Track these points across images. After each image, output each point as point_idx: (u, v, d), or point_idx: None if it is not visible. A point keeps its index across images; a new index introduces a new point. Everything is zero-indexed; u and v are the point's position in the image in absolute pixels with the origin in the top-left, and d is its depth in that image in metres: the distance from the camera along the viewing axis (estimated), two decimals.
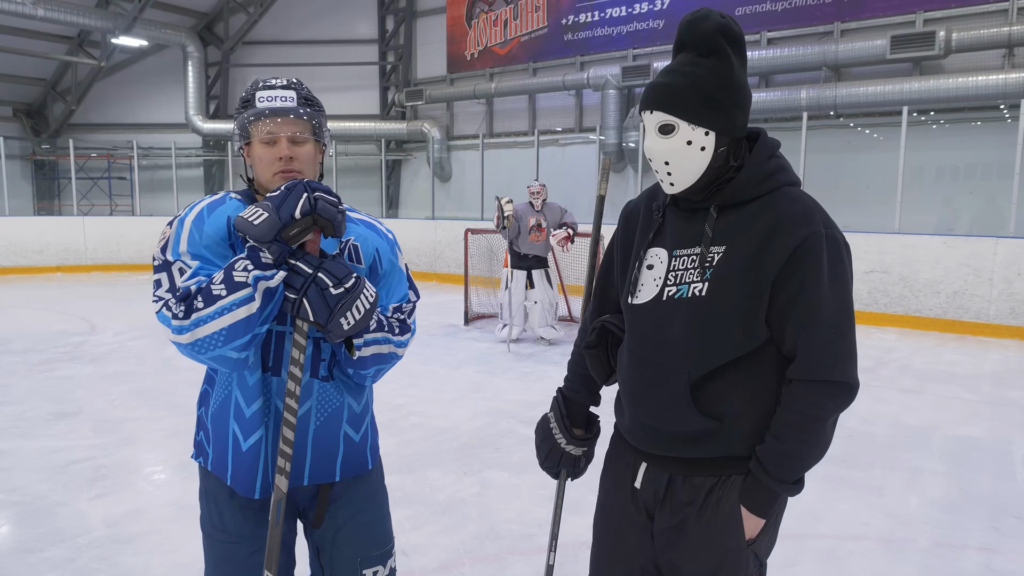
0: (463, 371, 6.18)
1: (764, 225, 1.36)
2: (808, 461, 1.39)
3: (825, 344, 1.35)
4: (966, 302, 8.02)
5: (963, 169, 9.75)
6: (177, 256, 1.49)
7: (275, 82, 1.57)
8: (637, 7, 12.00)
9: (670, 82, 1.38)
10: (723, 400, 1.41)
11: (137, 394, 5.36)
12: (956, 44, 9.06)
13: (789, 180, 1.43)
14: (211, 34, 15.92)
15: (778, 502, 1.44)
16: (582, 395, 1.68)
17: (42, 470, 3.86)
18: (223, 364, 1.46)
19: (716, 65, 1.36)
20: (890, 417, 4.90)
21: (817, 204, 1.40)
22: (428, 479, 3.76)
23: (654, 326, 1.45)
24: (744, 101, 1.39)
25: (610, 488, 1.62)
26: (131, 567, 2.87)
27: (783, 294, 1.35)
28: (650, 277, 1.47)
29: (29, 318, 8.63)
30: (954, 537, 3.20)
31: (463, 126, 14.81)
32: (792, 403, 1.37)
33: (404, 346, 1.64)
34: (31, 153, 16.45)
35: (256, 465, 1.54)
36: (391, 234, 1.73)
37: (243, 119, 1.56)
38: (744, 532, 1.43)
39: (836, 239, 1.37)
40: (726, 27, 1.37)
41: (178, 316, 1.40)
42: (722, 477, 1.44)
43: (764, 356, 1.41)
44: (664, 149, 1.39)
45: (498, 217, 6.78)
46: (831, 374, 1.35)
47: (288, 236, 1.41)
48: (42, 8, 12.53)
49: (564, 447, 1.66)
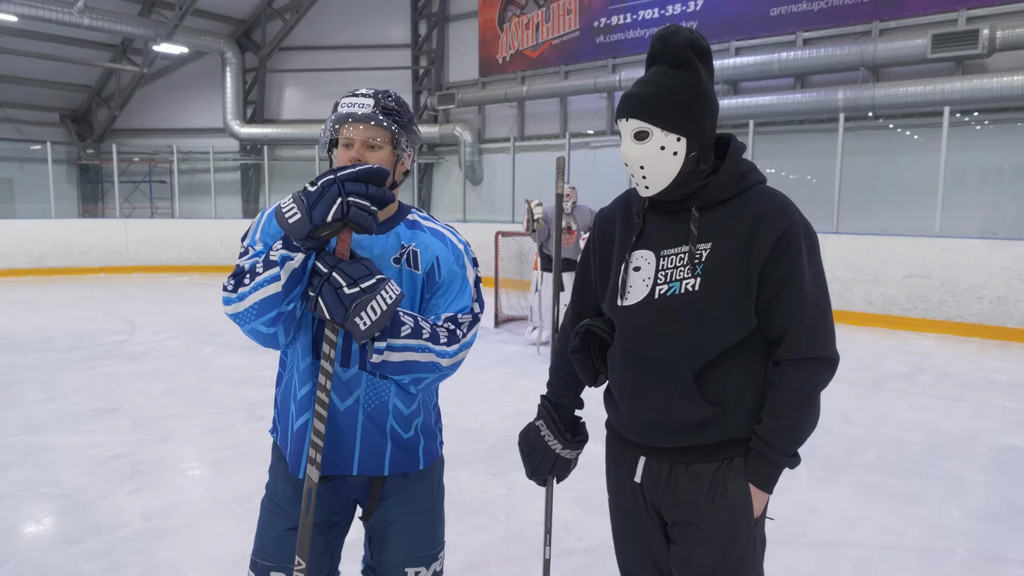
0: (492, 373, 6.19)
1: (747, 219, 1.47)
2: (804, 433, 1.50)
3: (811, 325, 1.47)
4: (1011, 308, 7.77)
5: (1008, 171, 9.46)
6: (252, 243, 1.64)
7: (361, 90, 1.64)
8: (670, 8, 11.92)
9: (644, 92, 1.48)
10: (721, 387, 1.50)
11: (174, 392, 5.48)
12: (1000, 42, 8.81)
13: (760, 179, 1.55)
14: (249, 40, 16.25)
15: (779, 476, 1.52)
16: (570, 399, 1.75)
17: (83, 464, 3.97)
18: (257, 338, 1.57)
19: (686, 76, 1.47)
20: (928, 425, 4.77)
21: (789, 199, 1.52)
22: (456, 480, 3.78)
23: (650, 324, 1.51)
24: (712, 109, 1.50)
25: (616, 485, 1.68)
26: (166, 560, 2.94)
27: (769, 281, 1.46)
28: (638, 278, 1.54)
29: (73, 317, 8.89)
30: (995, 549, 3.11)
31: (494, 129, 14.86)
32: (784, 380, 1.48)
33: (449, 357, 1.58)
34: (76, 158, 16.98)
35: (302, 446, 1.62)
36: (463, 245, 1.72)
37: (328, 122, 1.64)
38: (753, 511, 1.52)
39: (810, 230, 1.50)
40: (695, 41, 1.47)
41: (228, 289, 1.55)
42: (724, 461, 1.52)
43: (753, 342, 1.50)
44: (639, 154, 1.48)
45: (528, 220, 6.78)
46: (818, 351, 1.48)
47: (320, 236, 1.47)
48: (88, 17, 12.93)
49: (559, 452, 1.72)
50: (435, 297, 1.66)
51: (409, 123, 1.66)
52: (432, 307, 1.65)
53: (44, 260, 13.17)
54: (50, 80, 15.83)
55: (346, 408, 1.61)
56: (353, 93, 1.64)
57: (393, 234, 1.66)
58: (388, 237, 1.65)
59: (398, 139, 1.62)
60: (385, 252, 1.63)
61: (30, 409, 4.99)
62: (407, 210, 1.72)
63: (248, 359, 6.39)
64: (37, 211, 14.56)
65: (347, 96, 1.64)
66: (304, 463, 1.61)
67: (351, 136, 1.60)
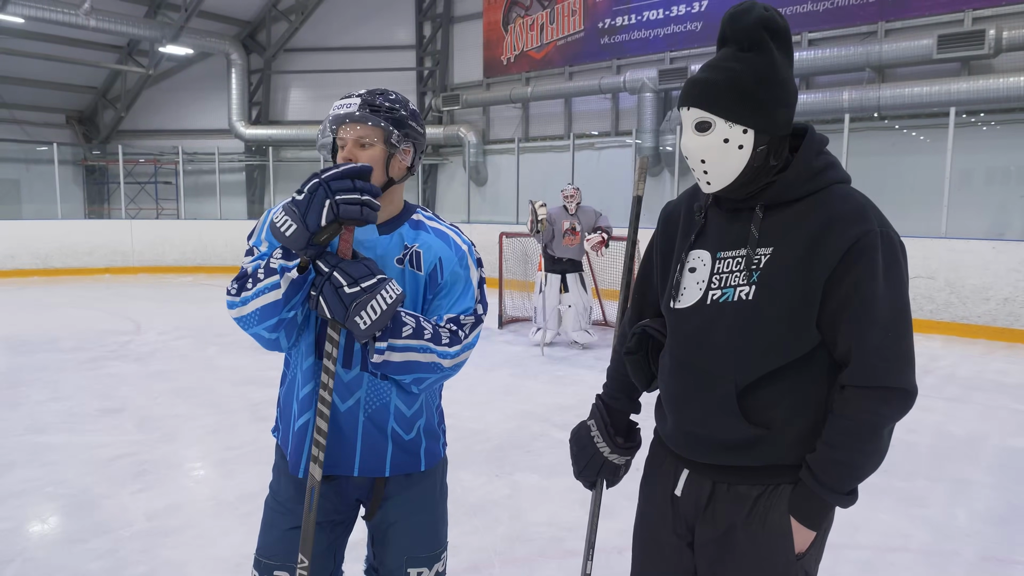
0: (496, 374, 6.19)
1: (814, 224, 1.30)
2: (863, 471, 1.32)
3: (880, 348, 1.28)
4: (1017, 309, 7.74)
5: (1015, 172, 9.42)
6: (257, 243, 1.65)
7: (351, 92, 1.65)
8: (674, 9, 11.90)
9: (708, 78, 1.34)
10: (771, 407, 1.35)
11: (179, 392, 5.50)
12: (1007, 43, 8.77)
13: (839, 177, 1.37)
14: (254, 42, 16.29)
15: (829, 513, 1.37)
16: (623, 402, 1.63)
17: (88, 464, 3.98)
18: (261, 342, 1.59)
19: (756, 60, 1.31)
20: (934, 426, 4.75)
21: (870, 202, 1.33)
22: (460, 480, 3.77)
23: (698, 331, 1.39)
24: (787, 97, 1.33)
25: (650, 495, 1.57)
26: (169, 559, 2.94)
27: (835, 296, 1.29)
28: (693, 280, 1.42)
29: (79, 317, 8.92)
30: (1001, 551, 3.09)
31: (499, 130, 14.86)
32: (846, 409, 1.30)
33: (451, 358, 1.58)
34: (82, 159, 17.04)
35: (302, 445, 1.63)
36: (466, 246, 1.71)
37: (322, 127, 1.67)
38: (794, 545, 1.36)
39: (892, 238, 1.30)
40: (769, 20, 1.31)
41: (231, 292, 1.55)
42: (769, 486, 1.37)
43: (814, 361, 1.34)
44: (700, 147, 1.34)
45: (532, 221, 6.78)
46: (887, 380, 1.28)
47: (319, 241, 1.48)
48: (94, 19, 12.98)
49: (607, 456, 1.59)
50: (438, 298, 1.65)
51: (406, 119, 1.63)
52: (434, 308, 1.65)
53: (50, 261, 13.22)
54: (56, 81, 15.89)
55: (347, 409, 1.61)
56: (343, 96, 1.65)
57: (397, 234, 1.66)
58: (392, 238, 1.65)
59: (389, 135, 1.60)
60: (388, 253, 1.63)
61: (36, 409, 5.01)
62: (412, 210, 1.72)
63: (253, 359, 6.40)
64: (43, 212, 14.63)
65: (338, 99, 1.65)
66: (304, 462, 1.62)
67: (342, 137, 1.61)
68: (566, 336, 7.40)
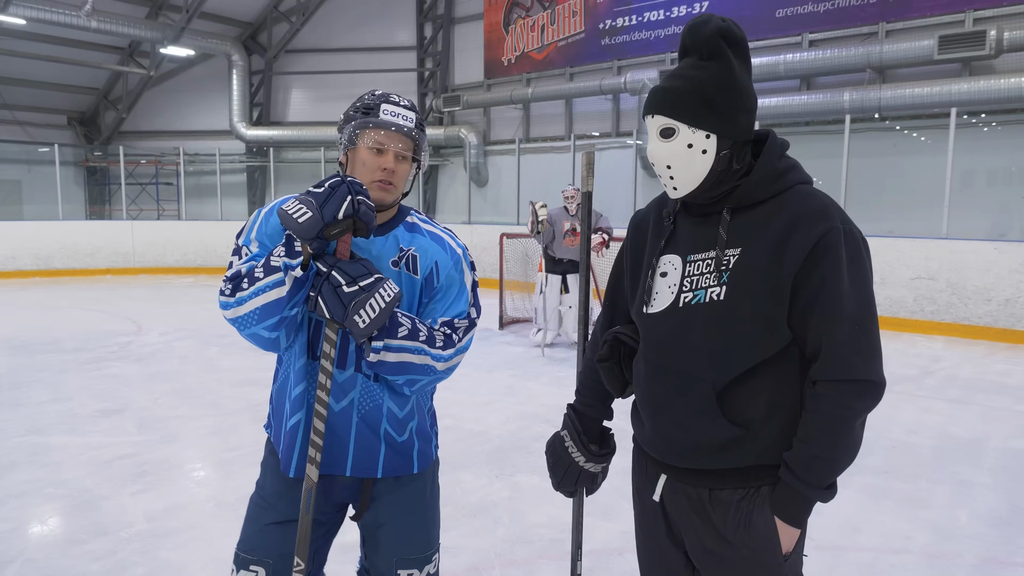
0: (497, 375, 6.19)
1: (780, 223, 1.34)
2: (839, 464, 1.34)
3: (848, 342, 1.31)
4: (1019, 310, 7.73)
5: (1016, 172, 9.40)
6: (247, 242, 1.64)
7: (399, 100, 1.65)
8: (675, 10, 11.90)
9: (670, 86, 1.39)
10: (749, 406, 1.37)
11: (179, 393, 5.50)
12: (1008, 43, 8.77)
13: (802, 179, 1.42)
14: (255, 43, 16.30)
15: (811, 510, 1.39)
16: (596, 409, 1.65)
17: (88, 465, 3.98)
18: (258, 342, 1.57)
19: (716, 68, 1.36)
20: (936, 428, 4.74)
21: (833, 201, 1.38)
22: (460, 481, 3.77)
23: (672, 334, 1.42)
24: (747, 103, 1.38)
25: (638, 503, 1.60)
26: (169, 561, 2.94)
27: (804, 292, 1.33)
28: (664, 285, 1.45)
29: (80, 318, 8.92)
30: (1003, 553, 3.08)
31: (500, 131, 14.87)
32: (818, 405, 1.33)
33: (444, 360, 1.60)
34: (84, 160, 17.06)
35: (294, 444, 1.62)
36: (461, 249, 1.74)
37: (363, 122, 1.61)
38: (781, 546, 1.38)
39: (854, 234, 1.34)
40: (726, 30, 1.37)
41: (225, 293, 1.55)
42: (750, 489, 1.39)
43: (788, 359, 1.38)
44: (665, 153, 1.39)
45: (532, 222, 6.78)
46: (856, 373, 1.32)
47: (328, 235, 1.48)
48: (95, 20, 13.00)
49: (583, 465, 1.61)
50: (433, 301, 1.67)
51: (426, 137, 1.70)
52: (429, 311, 1.66)
53: (51, 262, 13.24)
54: (57, 83, 15.91)
55: (341, 409, 1.62)
56: (395, 101, 1.64)
57: (392, 236, 1.66)
58: (387, 239, 1.65)
59: (419, 153, 1.66)
60: (384, 254, 1.64)
61: (36, 410, 5.01)
62: (406, 212, 1.73)
63: (253, 361, 6.40)
64: (45, 213, 14.64)
65: (388, 102, 1.63)
66: (295, 461, 1.62)
67: (388, 145, 1.60)
68: (567, 337, 7.40)
